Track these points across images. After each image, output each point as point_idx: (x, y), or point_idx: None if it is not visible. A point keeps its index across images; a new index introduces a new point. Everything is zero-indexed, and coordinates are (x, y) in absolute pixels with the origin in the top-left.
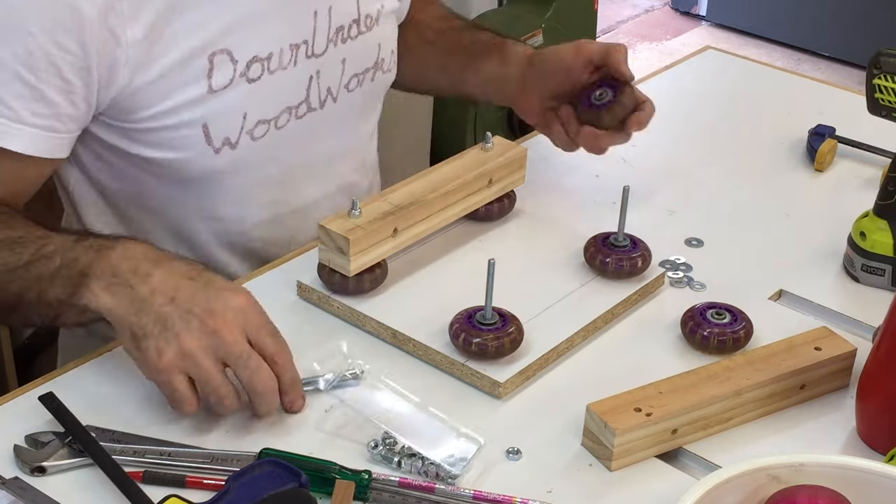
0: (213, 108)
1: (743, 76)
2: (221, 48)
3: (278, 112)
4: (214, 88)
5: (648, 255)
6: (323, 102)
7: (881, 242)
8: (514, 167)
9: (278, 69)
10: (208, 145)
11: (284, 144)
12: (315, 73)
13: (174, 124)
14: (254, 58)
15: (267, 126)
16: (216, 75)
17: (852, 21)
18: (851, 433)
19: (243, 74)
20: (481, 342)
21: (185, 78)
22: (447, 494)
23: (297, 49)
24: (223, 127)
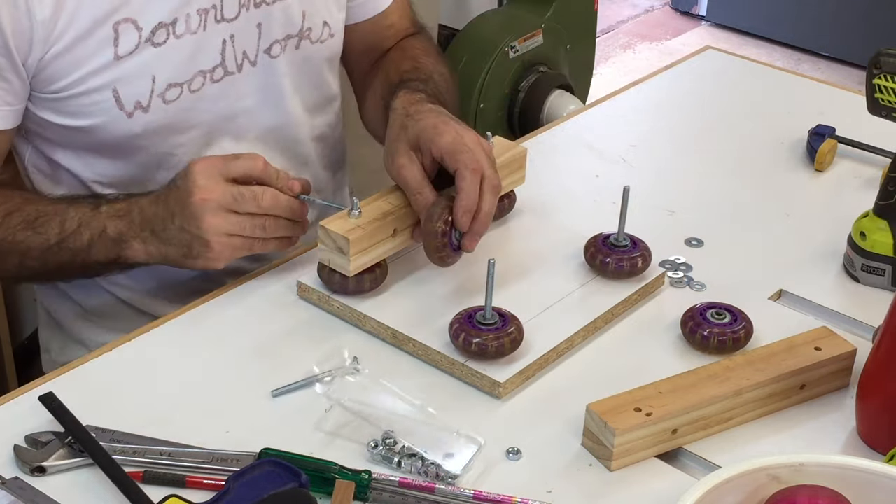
0: (120, 74)
1: (743, 76)
2: (125, 17)
3: (191, 75)
4: (120, 55)
5: (648, 255)
6: (240, 66)
7: (881, 242)
8: (515, 167)
9: (186, 33)
10: (120, 110)
11: (203, 108)
12: (229, 38)
13: (85, 90)
14: (159, 24)
15: (180, 89)
16: (121, 43)
17: (852, 21)
18: (851, 433)
19: (148, 40)
20: (481, 342)
21: (92, 47)
22: (447, 494)
23: (205, 14)
24: (132, 91)
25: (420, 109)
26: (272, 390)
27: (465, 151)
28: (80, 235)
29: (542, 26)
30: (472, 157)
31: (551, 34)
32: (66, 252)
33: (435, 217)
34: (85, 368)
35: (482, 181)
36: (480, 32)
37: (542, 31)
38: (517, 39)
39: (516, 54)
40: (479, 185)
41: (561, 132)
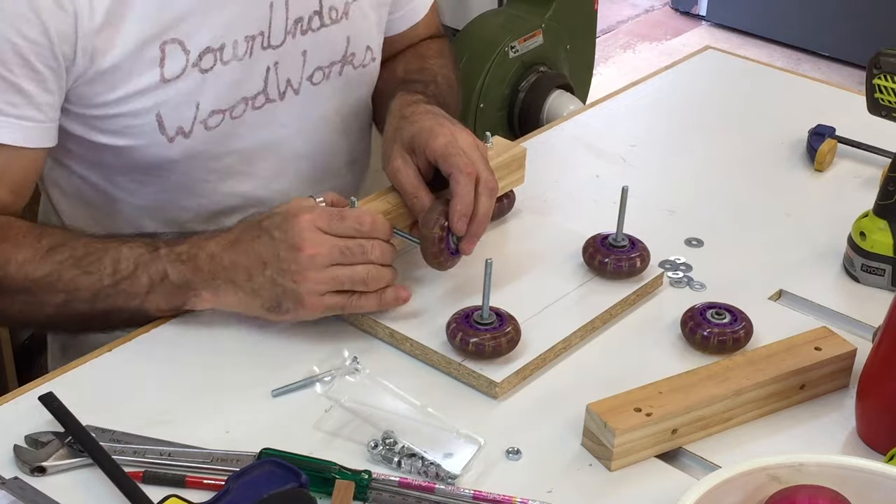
0: (165, 98)
1: (743, 76)
2: (172, 38)
3: (234, 102)
4: (167, 77)
5: (647, 255)
6: (283, 94)
7: (881, 242)
8: (514, 167)
9: (233, 60)
10: (161, 134)
11: (241, 134)
12: (273, 65)
13: (128, 112)
14: (206, 48)
15: (222, 116)
16: (168, 64)
17: (852, 21)
18: (851, 433)
19: (195, 65)
20: (478, 342)
21: (138, 66)
22: (447, 494)
23: (252, 40)
24: (176, 116)
25: (415, 111)
26: (272, 390)
27: (459, 155)
28: (137, 279)
29: (542, 26)
30: (465, 160)
31: (551, 34)
32: (120, 296)
33: (431, 223)
34: (85, 368)
35: (477, 184)
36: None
37: (542, 31)
38: (517, 39)
39: (516, 54)
40: (475, 188)
41: (561, 132)
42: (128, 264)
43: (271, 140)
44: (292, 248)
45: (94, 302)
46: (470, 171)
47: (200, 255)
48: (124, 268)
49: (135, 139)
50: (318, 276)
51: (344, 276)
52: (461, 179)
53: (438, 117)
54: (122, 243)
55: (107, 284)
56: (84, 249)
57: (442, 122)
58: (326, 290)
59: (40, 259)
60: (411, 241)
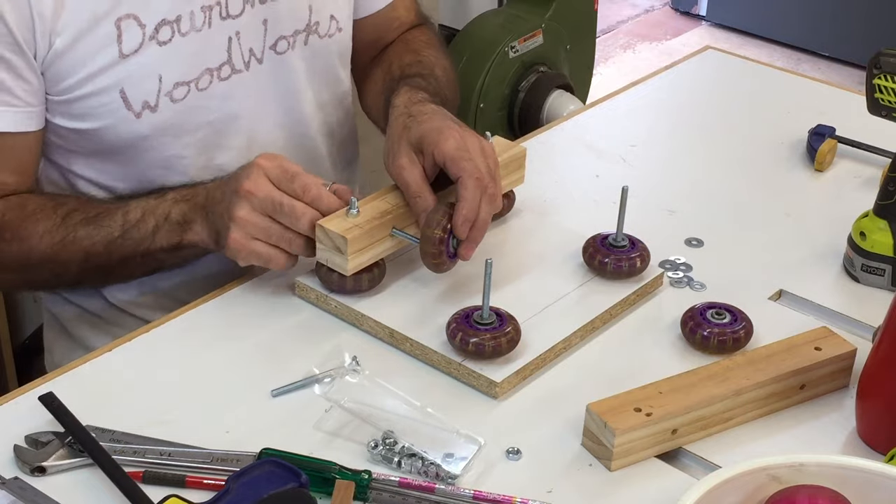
0: (126, 73)
1: (743, 76)
2: (127, 13)
3: (198, 74)
4: (125, 53)
5: (647, 255)
6: (247, 64)
7: (881, 242)
8: (514, 167)
9: (191, 31)
10: (128, 110)
11: (210, 107)
12: (234, 35)
13: (92, 91)
14: (162, 20)
15: (187, 88)
16: (125, 40)
17: (852, 21)
18: (851, 433)
19: (153, 38)
20: (478, 342)
21: (95, 44)
22: (447, 494)
23: (209, 11)
24: (140, 91)
25: (422, 110)
26: (272, 390)
27: (468, 160)
28: (144, 224)
29: (542, 26)
30: (474, 165)
31: (551, 34)
32: (129, 242)
33: (434, 223)
34: (85, 368)
35: (483, 190)
36: (480, 32)
37: (542, 31)
38: (517, 39)
39: (516, 54)
40: (481, 195)
41: (561, 132)
42: (136, 213)
43: (242, 111)
44: (236, 186)
45: (110, 254)
46: (479, 177)
47: (200, 193)
48: (133, 217)
49: (104, 119)
50: (246, 217)
51: (270, 229)
52: (469, 184)
53: (447, 119)
54: (130, 198)
55: (117, 235)
56: (96, 210)
57: (451, 124)
58: (252, 234)
59: (57, 227)
60: (411, 240)
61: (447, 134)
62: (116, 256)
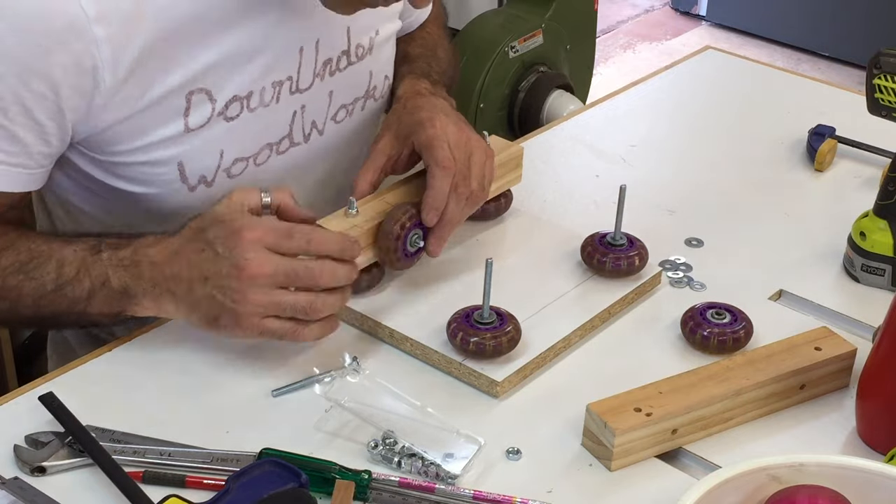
0: (188, 147)
1: (743, 76)
2: (200, 87)
3: (258, 149)
4: (191, 127)
5: (645, 253)
6: (307, 136)
7: (881, 242)
8: (511, 166)
9: (259, 107)
10: (183, 183)
11: (263, 178)
12: (300, 108)
13: (149, 161)
14: (233, 97)
15: (245, 163)
16: (193, 114)
17: (852, 21)
18: (851, 433)
19: (221, 113)
20: (479, 341)
21: (161, 117)
22: (447, 494)
23: (280, 86)
24: (199, 166)
25: (418, 105)
26: (272, 390)
27: (440, 149)
28: (79, 283)
29: (542, 26)
30: (444, 154)
31: (551, 34)
32: (62, 300)
33: (394, 219)
34: (85, 368)
35: (455, 185)
36: (480, 32)
37: (542, 31)
38: (517, 39)
39: (516, 54)
40: (449, 186)
41: (561, 132)
42: (70, 268)
43: (288, 178)
44: (235, 266)
45: (38, 308)
46: (446, 166)
47: (143, 262)
48: (67, 272)
49: (155, 188)
50: (258, 299)
51: (286, 303)
52: (436, 173)
53: (436, 110)
54: (66, 244)
55: (49, 290)
56: (28, 253)
57: (436, 115)
58: (266, 313)
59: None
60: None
61: (427, 124)
62: (47, 311)
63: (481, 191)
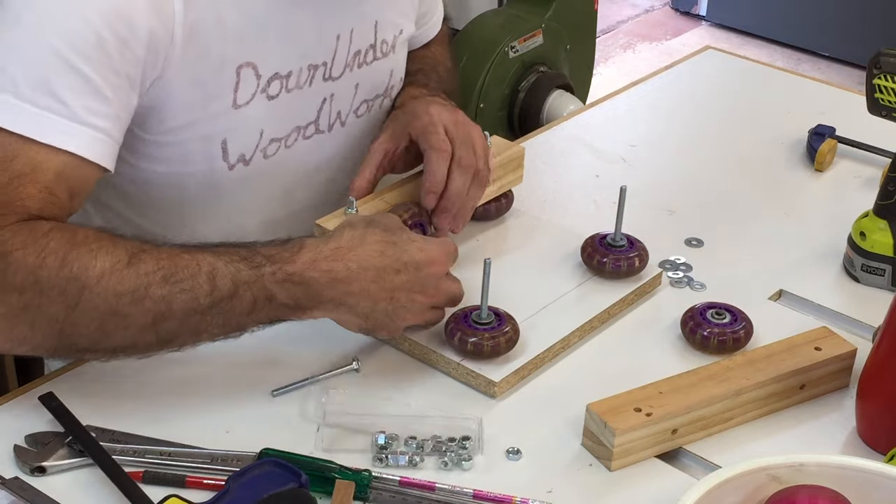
0: (234, 124)
1: (743, 76)
2: (248, 60)
3: (289, 131)
4: (238, 103)
5: (646, 254)
6: (331, 126)
7: (881, 242)
8: (512, 167)
9: (295, 88)
10: (224, 161)
11: (288, 163)
12: (329, 96)
13: (195, 137)
14: (275, 74)
15: (279, 144)
16: (241, 89)
17: (852, 21)
18: (851, 433)
19: (264, 91)
20: (477, 341)
21: (215, 89)
22: (447, 493)
23: (314, 70)
24: (241, 143)
25: (413, 103)
26: (272, 390)
27: (434, 133)
28: (239, 298)
29: (542, 26)
30: (438, 138)
31: (551, 34)
32: (217, 318)
33: (401, 209)
34: (85, 368)
35: (452, 161)
36: (480, 32)
37: (542, 31)
38: (517, 39)
39: (516, 54)
40: (448, 165)
41: (561, 132)
42: (225, 282)
43: (311, 170)
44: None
45: (186, 322)
46: (441, 148)
47: (320, 280)
48: (223, 285)
49: (194, 166)
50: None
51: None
52: (431, 156)
53: (432, 103)
54: (214, 255)
55: (204, 305)
56: (171, 260)
57: (429, 106)
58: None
59: (123, 268)
60: None
61: (422, 113)
62: (191, 328)
63: (486, 169)
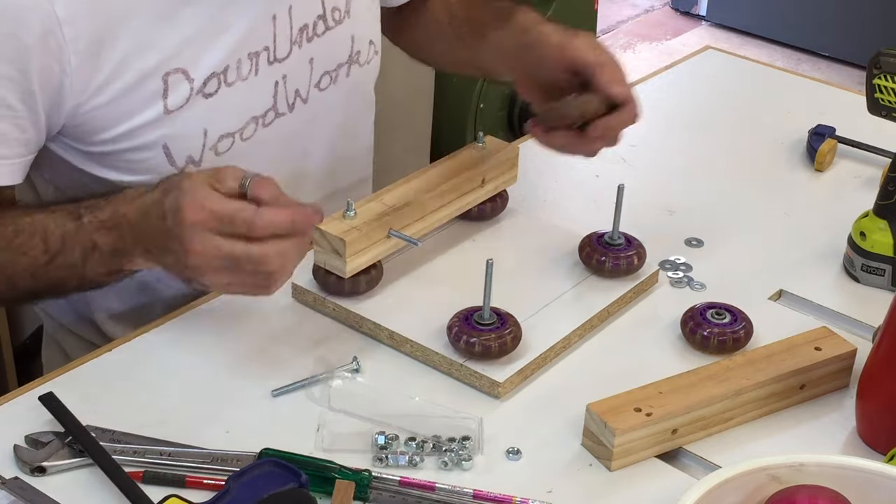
0: (171, 129)
1: (743, 76)
2: (175, 67)
3: (243, 124)
4: (170, 108)
5: (643, 252)
6: (292, 106)
7: (881, 242)
8: (507, 166)
9: (237, 80)
10: (171, 166)
11: (253, 154)
12: (281, 79)
13: (133, 147)
14: (211, 74)
15: (231, 139)
16: (171, 95)
17: (852, 21)
18: (851, 433)
19: (200, 91)
20: (484, 342)
21: (140, 100)
22: (447, 493)
23: (256, 57)
24: (184, 146)
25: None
26: (272, 390)
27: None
28: (69, 251)
29: None
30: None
31: None
32: (58, 270)
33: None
34: (85, 368)
35: None
36: None
37: None
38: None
39: None
40: None
41: None
42: (55, 239)
43: (280, 152)
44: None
45: (36, 280)
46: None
47: (122, 224)
48: (53, 242)
49: (144, 174)
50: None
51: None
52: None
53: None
54: (47, 215)
55: (42, 263)
56: (13, 227)
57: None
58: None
59: None
60: (409, 242)
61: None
62: (44, 283)
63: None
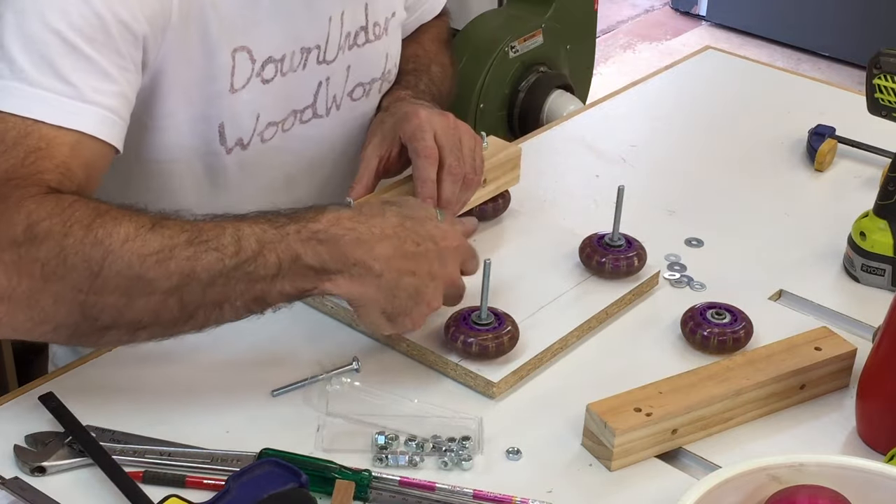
0: (230, 108)
1: (743, 76)
2: (242, 45)
3: (286, 115)
4: (235, 87)
5: (644, 254)
6: (328, 110)
7: (881, 242)
8: (509, 167)
9: (289, 72)
10: (221, 145)
11: (288, 148)
12: (325, 80)
13: (190, 119)
14: (269, 58)
15: (276, 128)
16: (237, 73)
17: (852, 21)
18: (851, 433)
19: (259, 74)
20: (480, 342)
21: (212, 72)
22: (447, 493)
23: (307, 53)
24: (238, 128)
25: (400, 106)
26: (272, 390)
27: (422, 139)
28: (263, 259)
29: (542, 26)
30: (426, 144)
31: (551, 34)
32: (241, 280)
33: None
34: (85, 368)
35: (441, 169)
36: (480, 32)
37: (542, 31)
38: (517, 39)
39: (516, 54)
40: (436, 171)
41: (561, 132)
42: (250, 242)
43: (312, 156)
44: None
45: (211, 286)
46: (428, 154)
47: (344, 238)
48: (247, 246)
49: (192, 151)
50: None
51: None
52: (419, 163)
53: (419, 106)
54: (238, 219)
55: (229, 266)
56: (195, 225)
57: (417, 109)
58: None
59: (147, 232)
60: None
61: (412, 115)
62: (215, 295)
63: (474, 173)
